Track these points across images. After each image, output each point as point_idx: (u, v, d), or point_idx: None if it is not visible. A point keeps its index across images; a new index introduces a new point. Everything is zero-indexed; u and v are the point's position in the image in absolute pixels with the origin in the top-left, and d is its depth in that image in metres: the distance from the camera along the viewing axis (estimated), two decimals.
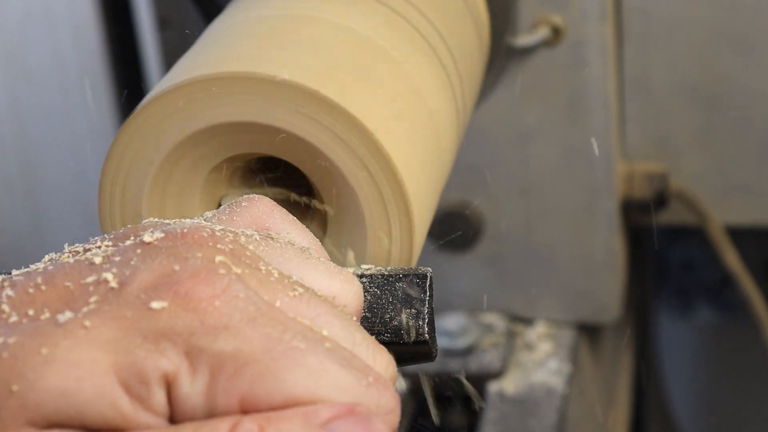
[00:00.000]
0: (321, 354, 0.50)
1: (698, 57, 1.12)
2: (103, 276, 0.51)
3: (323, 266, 0.57)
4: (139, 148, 0.67)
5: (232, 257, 0.53)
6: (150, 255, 0.52)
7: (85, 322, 0.49)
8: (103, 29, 1.33)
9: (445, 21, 0.83)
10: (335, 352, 0.51)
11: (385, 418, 0.51)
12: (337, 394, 0.50)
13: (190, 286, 0.51)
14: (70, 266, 0.53)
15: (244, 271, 0.53)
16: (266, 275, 0.53)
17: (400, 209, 0.67)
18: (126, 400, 0.49)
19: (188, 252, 0.52)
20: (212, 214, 0.60)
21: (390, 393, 0.52)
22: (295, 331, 0.51)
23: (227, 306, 0.51)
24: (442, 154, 0.76)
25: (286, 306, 0.53)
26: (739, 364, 1.67)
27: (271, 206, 0.61)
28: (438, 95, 0.77)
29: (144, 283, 0.51)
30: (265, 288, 0.53)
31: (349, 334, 0.54)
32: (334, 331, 0.53)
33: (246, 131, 0.66)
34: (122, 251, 0.53)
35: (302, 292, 0.53)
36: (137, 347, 0.49)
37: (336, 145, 0.65)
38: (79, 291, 0.51)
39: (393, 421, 0.52)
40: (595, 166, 1.12)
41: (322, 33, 0.72)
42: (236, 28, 0.73)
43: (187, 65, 0.69)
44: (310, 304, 0.53)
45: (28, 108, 1.37)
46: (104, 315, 0.50)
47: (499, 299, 1.20)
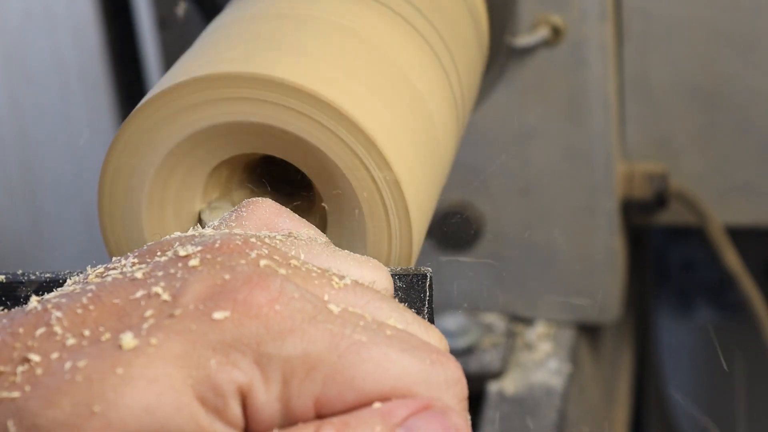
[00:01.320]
0: (382, 343, 0.51)
1: (698, 57, 1.12)
2: (152, 290, 0.51)
3: (351, 257, 0.58)
4: (139, 148, 0.67)
5: (272, 260, 0.53)
6: (194, 267, 0.52)
7: (151, 340, 0.49)
8: (103, 29, 1.33)
9: (444, 21, 0.83)
10: (395, 338, 0.51)
11: (455, 390, 0.52)
12: (406, 380, 0.50)
13: (247, 293, 0.50)
14: (111, 284, 0.52)
15: (288, 271, 0.53)
16: (307, 273, 0.53)
17: (400, 209, 0.67)
18: (203, 414, 0.49)
19: (231, 260, 0.52)
20: (219, 222, 0.60)
21: (453, 364, 0.52)
22: (353, 323, 0.51)
23: (287, 308, 0.50)
24: (442, 153, 0.76)
25: (334, 299, 0.53)
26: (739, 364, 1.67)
27: (276, 207, 0.61)
28: (438, 95, 0.77)
29: (198, 294, 0.51)
30: (310, 284, 0.53)
31: (401, 316, 0.54)
32: (386, 316, 0.53)
33: (246, 131, 0.66)
34: (161, 266, 0.53)
35: (347, 283, 0.54)
36: (208, 360, 0.49)
37: (336, 145, 0.65)
38: (130, 307, 0.51)
39: (463, 391, 0.52)
40: (595, 166, 1.12)
41: (322, 33, 0.72)
42: (236, 28, 0.73)
43: (186, 65, 0.69)
44: (357, 293, 0.54)
45: (28, 108, 1.37)
46: (168, 330, 0.50)
47: (499, 299, 1.20)
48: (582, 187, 1.13)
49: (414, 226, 0.67)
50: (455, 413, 0.51)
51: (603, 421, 1.29)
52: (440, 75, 0.79)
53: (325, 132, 0.65)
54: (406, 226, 0.67)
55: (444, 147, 0.76)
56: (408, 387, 0.51)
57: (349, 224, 0.68)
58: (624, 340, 1.41)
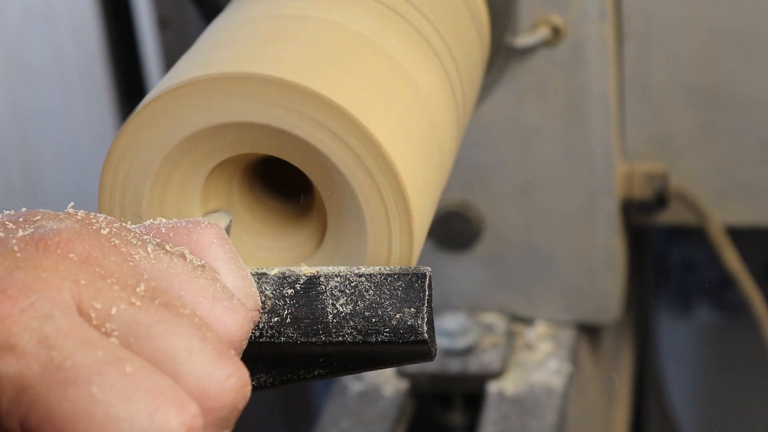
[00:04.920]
0: (103, 383, 0.49)
1: (698, 57, 1.12)
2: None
3: (211, 289, 0.56)
4: (139, 148, 0.67)
5: (79, 265, 0.53)
6: (8, 248, 0.52)
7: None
8: (103, 29, 1.33)
9: (445, 21, 0.83)
10: (129, 377, 0.50)
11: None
12: (111, 428, 0.49)
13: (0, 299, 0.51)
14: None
15: (86, 280, 0.52)
16: (109, 284, 0.53)
17: (400, 209, 0.67)
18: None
19: (22, 260, 0.52)
20: (154, 223, 0.59)
21: (188, 414, 0.50)
22: (89, 354, 0.50)
23: (19, 326, 0.50)
24: (442, 154, 0.76)
25: (121, 314, 0.52)
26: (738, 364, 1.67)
27: (215, 236, 0.59)
28: (438, 95, 0.77)
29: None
30: (102, 296, 0.52)
31: (177, 350, 0.52)
32: (161, 345, 0.52)
33: (246, 131, 0.66)
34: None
35: (141, 303, 0.52)
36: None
37: (336, 145, 0.65)
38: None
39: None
40: (594, 166, 1.12)
41: (322, 33, 0.72)
42: (236, 29, 0.73)
43: (186, 65, 0.69)
44: (149, 312, 0.52)
45: (28, 108, 1.37)
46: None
47: (499, 299, 1.20)
48: (582, 187, 1.13)
49: (415, 227, 0.67)
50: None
51: (603, 421, 1.29)
52: (441, 75, 0.79)
53: (326, 132, 0.65)
54: (407, 227, 0.67)
55: (444, 147, 0.76)
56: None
57: (349, 224, 0.68)
58: (624, 340, 1.41)
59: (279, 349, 0.62)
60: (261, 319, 0.62)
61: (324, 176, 0.67)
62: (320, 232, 0.71)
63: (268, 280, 0.63)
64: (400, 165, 0.66)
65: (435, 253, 1.18)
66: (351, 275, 0.63)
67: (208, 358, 0.52)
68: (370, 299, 0.62)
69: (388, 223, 0.67)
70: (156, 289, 0.54)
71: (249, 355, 0.63)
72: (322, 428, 1.11)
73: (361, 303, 0.62)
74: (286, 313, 0.62)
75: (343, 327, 0.62)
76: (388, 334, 0.61)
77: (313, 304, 0.62)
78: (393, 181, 0.66)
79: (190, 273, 0.56)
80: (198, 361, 0.52)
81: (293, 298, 0.62)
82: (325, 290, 0.62)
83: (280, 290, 0.63)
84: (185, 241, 0.58)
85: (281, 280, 0.63)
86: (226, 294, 0.56)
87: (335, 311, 0.62)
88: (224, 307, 0.56)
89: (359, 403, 1.14)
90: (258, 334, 0.62)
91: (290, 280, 0.63)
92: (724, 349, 1.69)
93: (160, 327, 0.52)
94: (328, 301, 0.62)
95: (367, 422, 1.11)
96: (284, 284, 0.63)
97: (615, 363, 1.37)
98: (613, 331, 1.33)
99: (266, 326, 0.62)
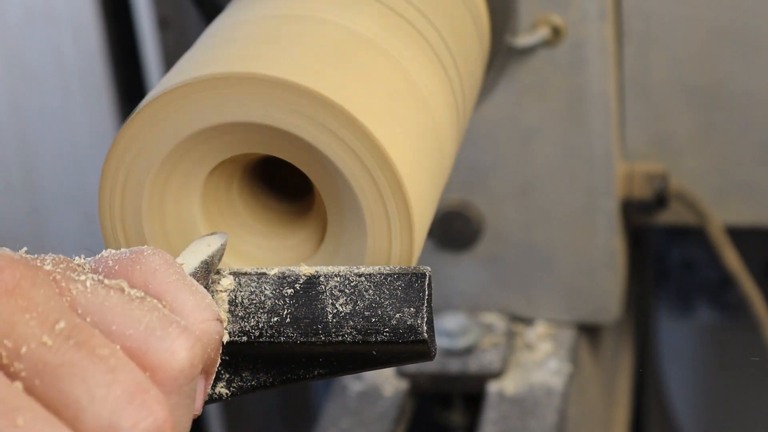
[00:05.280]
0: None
1: (698, 57, 1.12)
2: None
3: (145, 320, 0.55)
4: (139, 148, 0.67)
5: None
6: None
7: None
8: (103, 29, 1.33)
9: (444, 21, 0.83)
10: (17, 430, 0.49)
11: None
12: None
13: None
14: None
15: (0, 315, 0.51)
16: (26, 320, 0.52)
17: (400, 209, 0.67)
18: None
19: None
20: (107, 254, 0.59)
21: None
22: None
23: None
24: (442, 153, 0.76)
25: (30, 354, 0.51)
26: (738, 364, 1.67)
27: (161, 263, 0.58)
28: (438, 95, 0.77)
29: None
30: (15, 333, 0.51)
31: (79, 396, 0.51)
32: (65, 388, 0.51)
33: (246, 131, 0.66)
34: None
35: (53, 343, 0.52)
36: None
37: (336, 145, 0.65)
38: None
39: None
40: (594, 166, 1.12)
41: (322, 33, 0.72)
42: (236, 29, 0.73)
43: (186, 65, 0.69)
44: (58, 354, 0.51)
45: (28, 108, 1.37)
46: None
47: (499, 299, 1.20)
48: (582, 187, 1.13)
49: (415, 227, 0.67)
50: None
51: (603, 421, 1.29)
52: (441, 75, 0.79)
53: (326, 132, 0.65)
54: (407, 227, 0.67)
55: (445, 147, 0.76)
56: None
57: (349, 224, 0.68)
58: (624, 340, 1.41)
59: (279, 349, 0.62)
60: (261, 319, 0.62)
61: (324, 176, 0.67)
62: (320, 232, 0.71)
63: (267, 280, 0.63)
64: (400, 165, 0.66)
65: (435, 253, 1.18)
66: (351, 275, 0.63)
67: (111, 405, 0.51)
68: (369, 299, 0.62)
69: (388, 223, 0.67)
70: (77, 327, 0.53)
71: (249, 355, 0.63)
72: (322, 428, 1.11)
73: (360, 303, 0.62)
74: (286, 312, 0.62)
75: (343, 327, 0.62)
76: (388, 334, 0.61)
77: (312, 303, 0.62)
78: (393, 181, 0.66)
79: (124, 305, 0.55)
80: (99, 409, 0.51)
81: (293, 297, 0.62)
82: (325, 290, 0.62)
83: (279, 290, 0.63)
84: (130, 272, 0.57)
85: (281, 279, 0.63)
86: (161, 323, 0.55)
87: (335, 311, 0.62)
88: (157, 337, 0.54)
89: (359, 403, 1.14)
90: (258, 334, 0.62)
91: (290, 280, 0.63)
92: (724, 349, 1.69)
93: (66, 369, 0.51)
94: (327, 300, 0.62)
95: (367, 422, 1.11)
96: (284, 284, 0.63)
97: (615, 363, 1.37)
98: (613, 331, 1.33)
99: (266, 326, 0.62)
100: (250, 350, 0.62)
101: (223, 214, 0.71)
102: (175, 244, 0.69)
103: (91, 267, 0.58)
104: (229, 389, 0.63)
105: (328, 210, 0.69)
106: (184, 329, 0.55)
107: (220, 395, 0.63)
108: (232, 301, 0.63)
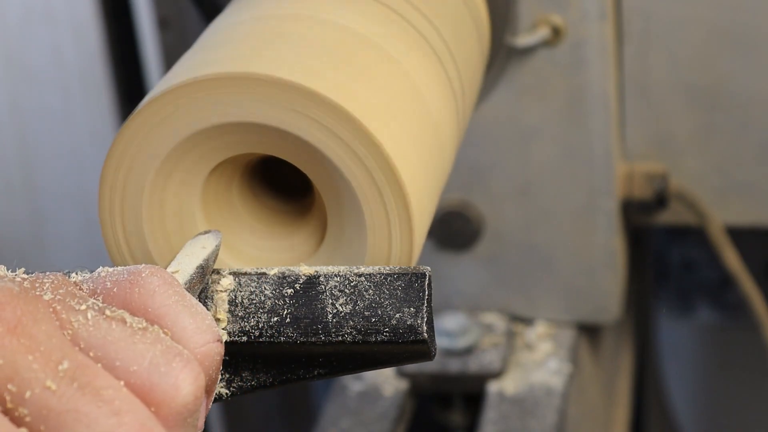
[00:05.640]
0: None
1: (698, 57, 1.12)
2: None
3: (149, 354, 0.54)
4: (139, 148, 0.67)
5: (2, 337, 0.52)
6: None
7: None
8: (103, 29, 1.33)
9: (445, 21, 0.83)
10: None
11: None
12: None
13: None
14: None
15: (5, 358, 0.51)
16: (30, 362, 0.52)
17: (400, 209, 0.67)
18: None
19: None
20: (105, 273, 0.59)
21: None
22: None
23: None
24: (442, 153, 0.76)
25: (35, 399, 0.51)
26: (738, 364, 1.67)
27: (160, 283, 0.58)
28: (438, 95, 0.77)
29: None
30: (19, 377, 0.51)
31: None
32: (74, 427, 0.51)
33: (246, 131, 0.66)
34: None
35: (57, 387, 0.52)
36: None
37: (336, 145, 0.65)
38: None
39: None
40: (594, 166, 1.12)
41: (322, 33, 0.72)
42: (236, 29, 0.73)
43: (186, 66, 0.69)
44: (62, 399, 0.51)
45: (28, 108, 1.37)
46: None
47: (499, 299, 1.20)
48: (582, 187, 1.13)
49: (415, 227, 0.67)
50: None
51: (603, 421, 1.29)
52: (441, 75, 0.79)
53: (326, 132, 0.65)
54: (407, 227, 0.67)
55: (445, 147, 0.76)
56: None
57: (349, 224, 0.68)
58: (624, 340, 1.41)
59: (279, 348, 0.62)
60: (261, 319, 0.62)
61: (324, 176, 0.67)
62: (320, 232, 0.71)
63: (267, 280, 0.63)
64: (400, 165, 0.66)
65: (435, 253, 1.18)
66: (351, 275, 0.63)
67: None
68: (369, 299, 0.62)
69: (388, 223, 0.67)
70: (80, 366, 0.53)
71: (249, 355, 0.63)
72: (322, 428, 1.11)
73: (360, 303, 0.62)
74: (286, 312, 0.62)
75: (343, 327, 0.62)
76: (388, 334, 0.61)
77: (312, 303, 0.62)
78: (393, 181, 0.66)
79: (127, 339, 0.55)
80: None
81: (293, 297, 0.62)
82: (325, 290, 0.62)
83: (279, 290, 0.63)
84: (129, 295, 0.57)
85: (281, 279, 0.63)
86: (165, 358, 0.55)
87: (335, 311, 0.62)
88: (161, 373, 0.54)
89: (359, 403, 1.14)
90: (258, 334, 0.62)
91: (290, 280, 0.63)
92: (724, 349, 1.69)
93: (72, 416, 0.51)
94: (327, 300, 0.62)
95: (367, 422, 1.11)
96: (284, 284, 0.63)
97: (615, 363, 1.37)
98: (613, 331, 1.33)
99: (266, 326, 0.62)
100: (250, 350, 0.62)
101: (223, 214, 0.71)
102: (175, 244, 0.69)
103: (89, 288, 0.58)
104: (229, 389, 0.63)
105: (328, 210, 0.69)
106: (187, 361, 0.55)
107: (220, 395, 0.63)
108: (232, 301, 0.63)
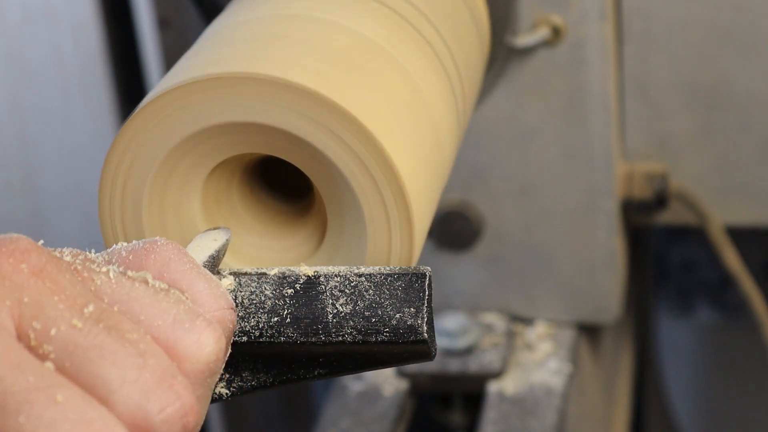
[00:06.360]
0: (24, 414, 0.49)
1: (698, 57, 1.12)
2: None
3: (173, 312, 0.55)
4: (139, 148, 0.67)
5: (27, 278, 0.53)
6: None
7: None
8: (103, 29, 1.33)
9: (445, 21, 0.83)
10: (58, 407, 0.49)
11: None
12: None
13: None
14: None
15: (30, 297, 0.52)
16: (55, 302, 0.52)
17: (400, 209, 0.67)
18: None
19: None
20: (120, 246, 0.59)
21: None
22: (16, 382, 0.50)
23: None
24: (443, 154, 0.76)
25: (60, 336, 0.52)
26: (738, 364, 1.67)
27: (174, 251, 0.59)
28: (438, 95, 0.77)
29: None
30: (44, 315, 0.52)
31: (110, 378, 0.51)
32: (95, 371, 0.51)
33: (246, 131, 0.66)
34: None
35: (83, 325, 0.52)
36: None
37: (336, 145, 0.65)
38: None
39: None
40: (594, 166, 1.12)
41: (322, 33, 0.72)
42: (236, 29, 0.73)
43: (186, 66, 0.69)
44: (89, 336, 0.52)
45: (28, 108, 1.37)
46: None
47: (499, 299, 1.20)
48: (582, 187, 1.13)
49: (415, 227, 0.67)
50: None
51: (603, 421, 1.29)
52: (441, 75, 0.79)
53: (326, 132, 0.65)
54: (407, 227, 0.67)
55: (445, 147, 0.76)
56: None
57: (349, 224, 0.68)
58: (624, 340, 1.41)
59: (279, 349, 0.62)
60: (261, 319, 0.62)
61: (324, 176, 0.67)
62: (320, 232, 0.71)
63: (267, 280, 0.63)
64: (400, 165, 0.66)
65: (435, 253, 1.18)
66: (351, 275, 0.63)
67: (141, 388, 0.52)
68: (370, 299, 0.62)
69: (388, 223, 0.67)
70: (105, 311, 0.53)
71: (249, 355, 0.63)
72: (322, 428, 1.11)
73: (360, 303, 0.62)
74: (286, 312, 0.62)
75: (343, 327, 0.62)
76: (388, 334, 0.61)
77: (312, 303, 0.62)
78: (393, 182, 0.66)
79: (151, 297, 0.55)
80: (130, 392, 0.51)
81: (293, 297, 0.62)
82: (325, 290, 0.62)
83: (279, 290, 0.63)
84: (144, 262, 0.58)
85: (281, 280, 0.63)
86: (189, 316, 0.55)
87: (335, 311, 0.62)
88: (185, 329, 0.55)
89: (359, 403, 1.14)
90: (258, 334, 0.62)
91: (290, 280, 0.63)
92: (724, 349, 1.69)
93: (97, 352, 0.52)
94: (327, 300, 0.62)
95: (367, 422, 1.11)
96: (284, 284, 0.63)
97: (615, 363, 1.37)
98: (613, 331, 1.33)
99: (266, 326, 0.62)
100: (250, 350, 0.62)
101: (223, 214, 0.71)
102: None
103: (105, 259, 0.58)
104: (229, 389, 0.63)
105: (328, 210, 0.69)
106: (209, 323, 0.56)
107: (220, 395, 0.63)
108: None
